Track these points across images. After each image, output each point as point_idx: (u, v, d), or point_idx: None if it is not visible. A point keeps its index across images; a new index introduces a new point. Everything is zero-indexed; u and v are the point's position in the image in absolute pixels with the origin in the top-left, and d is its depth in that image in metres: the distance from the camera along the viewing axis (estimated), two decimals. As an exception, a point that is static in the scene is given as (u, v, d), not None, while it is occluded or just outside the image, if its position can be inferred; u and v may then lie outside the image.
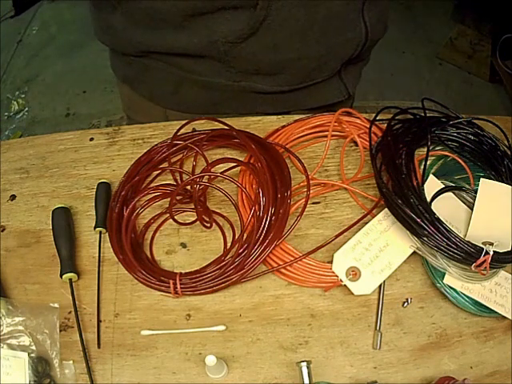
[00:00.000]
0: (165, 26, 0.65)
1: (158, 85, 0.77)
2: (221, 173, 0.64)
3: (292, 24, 0.63)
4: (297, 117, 0.73)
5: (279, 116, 0.75)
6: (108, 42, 0.76)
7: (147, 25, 0.66)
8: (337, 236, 0.63)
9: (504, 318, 0.57)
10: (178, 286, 0.58)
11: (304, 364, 0.52)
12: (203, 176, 0.64)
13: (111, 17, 0.69)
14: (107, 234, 0.64)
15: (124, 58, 0.76)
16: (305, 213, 0.62)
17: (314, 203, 0.67)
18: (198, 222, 0.65)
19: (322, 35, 0.65)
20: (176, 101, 0.78)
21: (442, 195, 0.62)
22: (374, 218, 0.63)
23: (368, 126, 0.70)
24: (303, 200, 0.63)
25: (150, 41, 0.68)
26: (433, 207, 0.58)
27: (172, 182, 0.69)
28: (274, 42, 0.65)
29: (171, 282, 0.58)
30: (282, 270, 0.60)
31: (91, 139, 0.74)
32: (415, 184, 0.59)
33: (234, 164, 0.66)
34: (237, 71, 0.69)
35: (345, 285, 0.59)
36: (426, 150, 0.64)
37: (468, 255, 0.55)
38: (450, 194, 0.63)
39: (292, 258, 0.60)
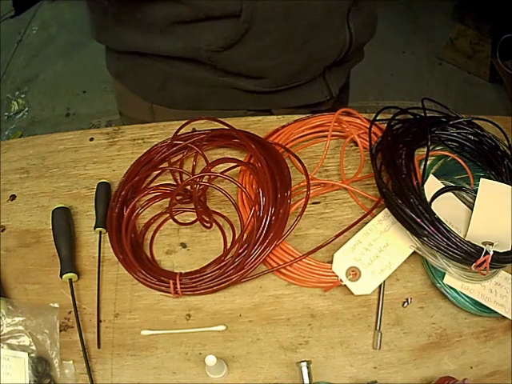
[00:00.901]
0: (152, 30, 0.66)
1: (146, 80, 0.78)
2: (221, 173, 0.64)
3: (274, 34, 0.64)
4: (297, 117, 0.73)
5: (279, 116, 0.75)
6: (102, 40, 0.77)
7: (135, 28, 0.68)
8: (337, 236, 0.63)
9: (504, 317, 0.57)
10: (178, 286, 0.58)
11: (304, 364, 0.52)
12: (203, 176, 0.64)
13: (103, 17, 0.70)
14: (107, 233, 0.64)
15: (116, 54, 0.78)
16: (305, 213, 0.62)
17: (313, 203, 0.67)
18: (198, 222, 0.65)
19: (303, 43, 0.66)
20: (162, 96, 0.79)
21: (442, 195, 0.62)
22: (374, 218, 0.63)
23: (368, 125, 0.70)
24: (303, 200, 0.63)
25: (138, 42, 0.69)
26: (433, 207, 0.58)
27: (172, 182, 0.69)
28: (257, 50, 0.66)
29: (171, 282, 0.58)
30: (282, 270, 0.60)
31: (91, 139, 0.74)
32: (415, 184, 0.59)
33: (234, 164, 0.66)
34: (221, 71, 0.71)
35: (345, 285, 0.59)
36: (426, 150, 0.64)
37: (468, 255, 0.55)
38: (450, 194, 0.63)
39: (292, 258, 0.60)
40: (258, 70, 0.70)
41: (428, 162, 0.65)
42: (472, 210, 0.61)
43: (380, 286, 0.59)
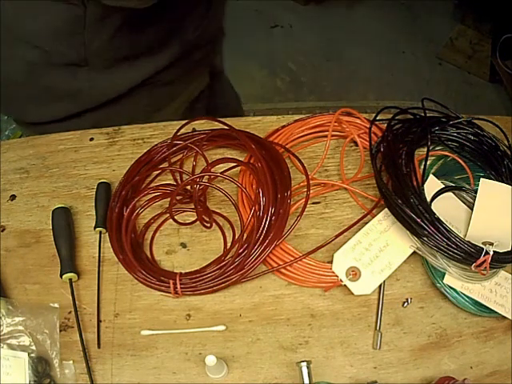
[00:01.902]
0: (147, 53, 0.69)
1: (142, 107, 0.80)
2: (221, 173, 0.64)
3: None
4: (297, 117, 0.73)
5: (279, 116, 0.75)
6: (71, 105, 0.75)
7: (125, 61, 0.69)
8: (337, 236, 0.63)
9: (504, 317, 0.57)
10: (178, 286, 0.58)
11: (304, 364, 0.52)
12: (203, 176, 0.64)
13: (74, 82, 0.70)
14: (107, 233, 0.64)
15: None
16: (305, 213, 0.62)
17: (314, 203, 0.67)
18: (198, 222, 0.65)
19: None
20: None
21: (442, 195, 0.62)
22: (374, 217, 0.63)
23: (368, 125, 0.70)
24: (303, 200, 0.63)
25: (131, 74, 0.71)
26: (433, 207, 0.58)
27: (172, 182, 0.69)
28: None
29: (171, 282, 0.58)
30: (282, 270, 0.60)
31: (91, 139, 0.74)
32: (415, 184, 0.59)
33: (234, 164, 0.66)
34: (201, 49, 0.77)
35: (345, 285, 0.59)
36: (426, 150, 0.64)
37: (468, 255, 0.55)
38: (449, 193, 0.63)
39: (292, 258, 0.60)
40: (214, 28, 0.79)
41: (428, 162, 0.65)
42: (472, 210, 0.61)
43: (380, 285, 0.59)
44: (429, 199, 0.60)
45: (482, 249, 0.54)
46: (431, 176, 0.64)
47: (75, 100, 0.74)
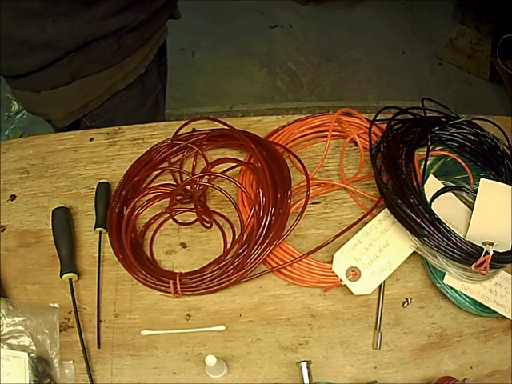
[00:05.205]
0: None
1: None
2: (221, 173, 0.64)
3: None
4: (297, 117, 0.73)
5: (279, 116, 0.75)
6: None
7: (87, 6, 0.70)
8: (337, 236, 0.63)
9: (504, 317, 0.57)
10: (178, 286, 0.58)
11: (304, 364, 0.52)
12: (203, 176, 0.64)
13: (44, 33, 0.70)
14: (107, 233, 0.64)
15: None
16: (305, 213, 0.62)
17: (313, 203, 0.67)
18: (198, 222, 0.65)
19: None
20: None
21: (442, 195, 0.62)
22: (373, 218, 0.63)
23: (368, 125, 0.70)
24: (303, 200, 0.63)
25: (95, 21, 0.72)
26: (433, 207, 0.58)
27: (172, 182, 0.69)
28: None
29: (171, 282, 0.58)
30: (282, 270, 0.60)
31: (91, 139, 0.74)
32: (415, 184, 0.59)
33: (234, 164, 0.66)
34: None
35: (345, 285, 0.59)
36: (426, 150, 0.64)
37: (468, 255, 0.55)
38: (449, 193, 0.63)
39: (292, 258, 0.60)
40: None
41: (428, 162, 0.65)
42: (472, 210, 0.61)
43: (380, 286, 0.59)
44: (429, 199, 0.60)
45: (482, 249, 0.54)
46: (431, 176, 0.64)
47: (48, 49, 0.74)
